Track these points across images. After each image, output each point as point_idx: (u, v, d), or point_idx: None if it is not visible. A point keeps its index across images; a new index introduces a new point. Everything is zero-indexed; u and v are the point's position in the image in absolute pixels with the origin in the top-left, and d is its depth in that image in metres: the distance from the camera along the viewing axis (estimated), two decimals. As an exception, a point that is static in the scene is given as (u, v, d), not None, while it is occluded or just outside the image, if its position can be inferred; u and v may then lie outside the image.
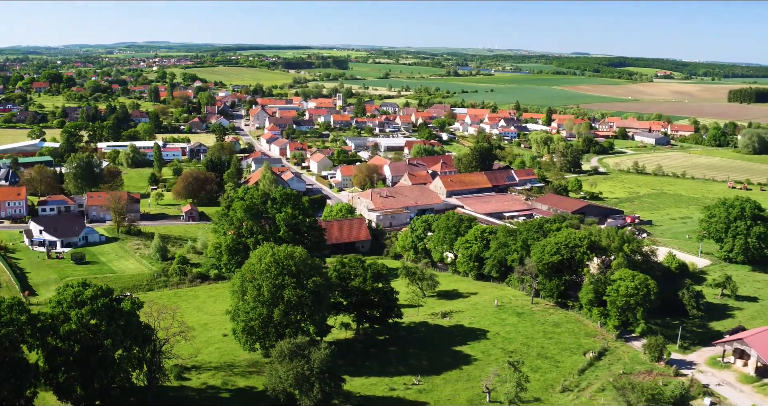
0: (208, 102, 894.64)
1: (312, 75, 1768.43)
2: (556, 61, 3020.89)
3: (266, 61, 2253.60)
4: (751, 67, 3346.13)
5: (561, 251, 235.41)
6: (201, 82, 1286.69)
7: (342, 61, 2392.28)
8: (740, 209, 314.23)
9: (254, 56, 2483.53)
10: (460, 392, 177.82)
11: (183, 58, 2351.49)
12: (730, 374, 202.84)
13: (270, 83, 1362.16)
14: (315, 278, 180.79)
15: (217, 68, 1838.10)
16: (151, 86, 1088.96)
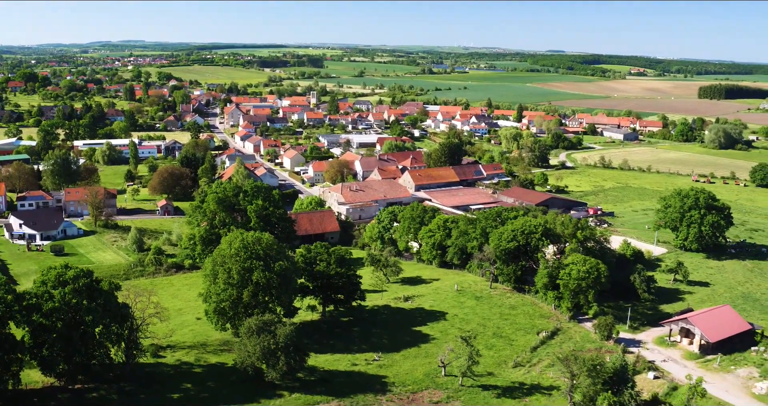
0: (183, 101, 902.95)
1: (287, 73, 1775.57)
2: (530, 59, 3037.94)
3: (241, 59, 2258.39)
4: (724, 64, 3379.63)
5: (517, 237, 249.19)
6: (176, 81, 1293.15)
7: (317, 60, 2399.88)
8: (694, 199, 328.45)
9: (230, 55, 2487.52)
10: (418, 367, 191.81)
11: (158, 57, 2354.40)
12: (676, 352, 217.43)
13: (245, 82, 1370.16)
14: (281, 262, 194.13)
15: (193, 67, 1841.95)
16: (126, 85, 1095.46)
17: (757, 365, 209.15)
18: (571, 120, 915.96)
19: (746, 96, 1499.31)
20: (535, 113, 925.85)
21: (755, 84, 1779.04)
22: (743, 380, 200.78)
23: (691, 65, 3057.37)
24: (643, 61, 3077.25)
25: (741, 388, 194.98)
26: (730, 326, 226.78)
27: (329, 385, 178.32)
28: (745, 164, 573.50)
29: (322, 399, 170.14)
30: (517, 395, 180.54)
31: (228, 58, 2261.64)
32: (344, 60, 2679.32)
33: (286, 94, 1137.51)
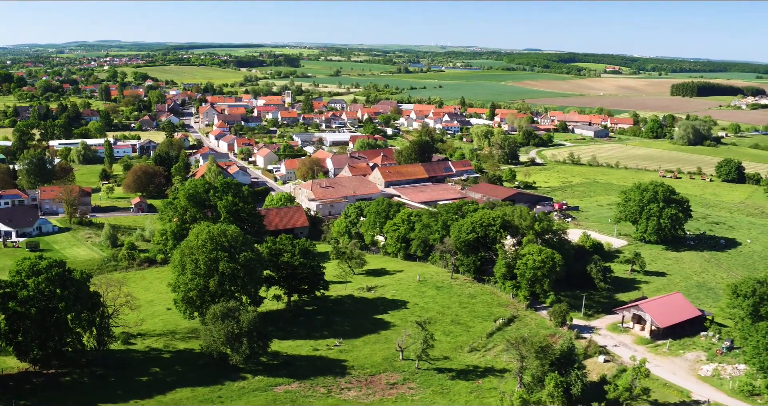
0: (158, 100, 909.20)
1: (263, 73, 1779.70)
2: (506, 58, 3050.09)
3: (218, 59, 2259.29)
4: (699, 62, 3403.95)
5: (476, 229, 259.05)
6: (152, 81, 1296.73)
7: (294, 59, 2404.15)
8: (653, 192, 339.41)
9: (206, 55, 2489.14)
10: (377, 352, 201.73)
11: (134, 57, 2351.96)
12: (627, 337, 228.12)
13: (221, 81, 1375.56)
14: (246, 253, 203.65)
15: (169, 67, 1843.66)
16: (101, 85, 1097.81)
17: (705, 349, 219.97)
18: (543, 118, 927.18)
19: (719, 93, 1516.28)
20: (508, 111, 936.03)
21: (728, 81, 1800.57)
22: (691, 363, 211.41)
23: (666, 63, 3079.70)
24: (618, 60, 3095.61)
25: (688, 370, 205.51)
26: (680, 312, 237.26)
27: (291, 368, 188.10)
28: (712, 160, 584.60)
29: (284, 381, 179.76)
30: (471, 378, 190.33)
31: (204, 58, 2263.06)
32: (321, 59, 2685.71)
33: (262, 93, 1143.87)
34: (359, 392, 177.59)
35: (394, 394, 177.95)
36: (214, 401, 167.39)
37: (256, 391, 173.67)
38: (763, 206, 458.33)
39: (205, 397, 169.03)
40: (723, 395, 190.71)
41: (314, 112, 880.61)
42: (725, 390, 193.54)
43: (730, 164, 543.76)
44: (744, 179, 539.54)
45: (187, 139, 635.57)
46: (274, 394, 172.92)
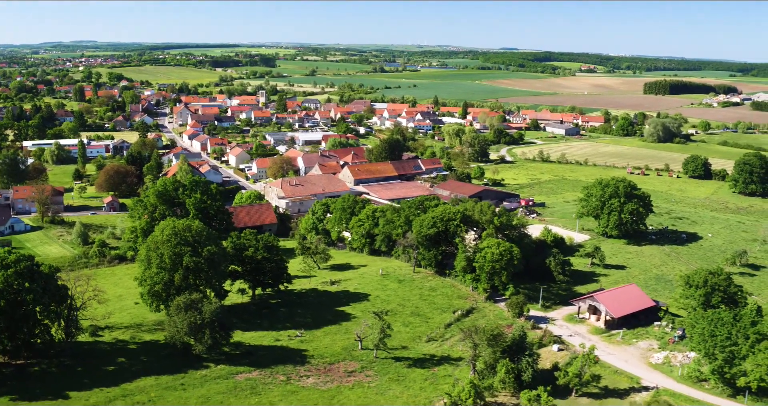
0: (132, 101, 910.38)
1: (239, 73, 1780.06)
2: (482, 57, 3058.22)
3: (193, 59, 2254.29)
4: (673, 60, 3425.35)
5: (437, 224, 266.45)
6: (127, 82, 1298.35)
7: (269, 59, 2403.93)
8: (614, 188, 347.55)
9: (182, 55, 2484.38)
10: (337, 342, 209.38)
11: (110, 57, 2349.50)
12: (583, 327, 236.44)
13: (196, 82, 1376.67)
14: (210, 247, 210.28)
15: (144, 67, 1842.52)
16: (76, 86, 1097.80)
17: (657, 338, 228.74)
18: (515, 116, 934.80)
19: (691, 91, 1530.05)
20: (480, 110, 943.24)
21: (701, 80, 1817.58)
22: (643, 351, 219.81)
23: (641, 62, 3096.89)
24: (594, 58, 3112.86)
25: (640, 358, 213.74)
26: (634, 303, 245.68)
27: (252, 357, 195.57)
28: (681, 157, 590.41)
29: (245, 369, 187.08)
30: (427, 366, 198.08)
31: (180, 58, 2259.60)
32: (297, 59, 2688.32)
33: (236, 93, 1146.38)
34: (317, 379, 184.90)
35: (352, 381, 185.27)
36: (177, 388, 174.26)
37: (217, 379, 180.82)
38: (727, 201, 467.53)
39: (168, 385, 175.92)
40: (672, 381, 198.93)
41: (288, 111, 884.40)
42: (674, 377, 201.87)
43: (696, 161, 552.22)
44: (710, 176, 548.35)
45: (160, 139, 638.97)
46: (234, 381, 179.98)
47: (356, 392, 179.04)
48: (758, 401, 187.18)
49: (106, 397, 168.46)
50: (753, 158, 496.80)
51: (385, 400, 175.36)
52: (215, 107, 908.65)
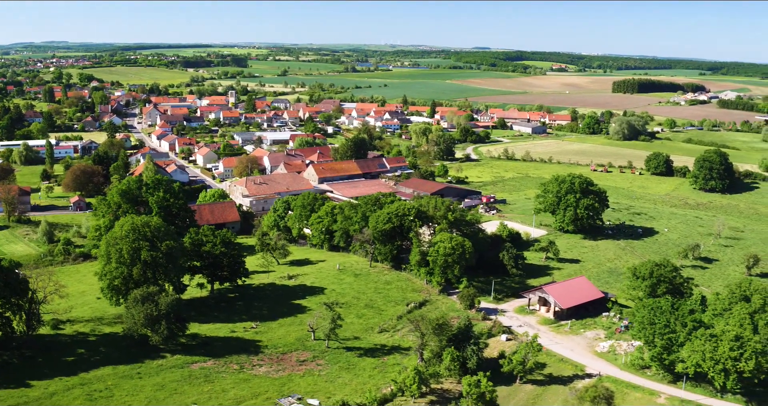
0: (102, 101, 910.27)
1: (210, 73, 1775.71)
2: (454, 56, 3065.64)
3: (165, 60, 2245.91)
4: (645, 59, 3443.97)
5: (392, 219, 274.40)
6: (98, 82, 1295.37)
7: (241, 59, 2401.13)
8: (570, 183, 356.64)
9: (153, 55, 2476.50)
10: (291, 333, 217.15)
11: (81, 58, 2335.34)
12: (533, 318, 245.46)
13: (168, 82, 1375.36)
14: (168, 242, 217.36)
15: (116, 68, 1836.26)
16: (45, 87, 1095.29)
17: (605, 328, 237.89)
18: (482, 115, 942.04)
19: (659, 90, 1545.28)
20: (448, 109, 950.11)
21: (670, 78, 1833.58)
22: (589, 340, 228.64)
23: (612, 61, 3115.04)
24: (565, 58, 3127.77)
25: (586, 347, 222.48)
26: (583, 294, 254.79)
27: (208, 348, 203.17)
28: (645, 154, 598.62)
29: (200, 359, 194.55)
30: (378, 355, 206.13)
31: (152, 59, 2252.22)
32: (269, 59, 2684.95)
33: (207, 93, 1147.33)
34: (270, 368, 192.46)
35: (303, 369, 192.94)
36: (133, 377, 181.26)
37: (173, 368, 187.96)
38: (687, 197, 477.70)
39: (125, 373, 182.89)
40: (616, 369, 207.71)
41: (257, 111, 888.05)
42: (618, 364, 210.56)
43: (658, 158, 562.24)
44: (672, 172, 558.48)
45: (128, 139, 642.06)
46: (189, 370, 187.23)
47: (306, 380, 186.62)
48: (697, 387, 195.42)
49: (65, 385, 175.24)
50: (713, 155, 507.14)
51: (333, 387, 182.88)
52: (184, 108, 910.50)
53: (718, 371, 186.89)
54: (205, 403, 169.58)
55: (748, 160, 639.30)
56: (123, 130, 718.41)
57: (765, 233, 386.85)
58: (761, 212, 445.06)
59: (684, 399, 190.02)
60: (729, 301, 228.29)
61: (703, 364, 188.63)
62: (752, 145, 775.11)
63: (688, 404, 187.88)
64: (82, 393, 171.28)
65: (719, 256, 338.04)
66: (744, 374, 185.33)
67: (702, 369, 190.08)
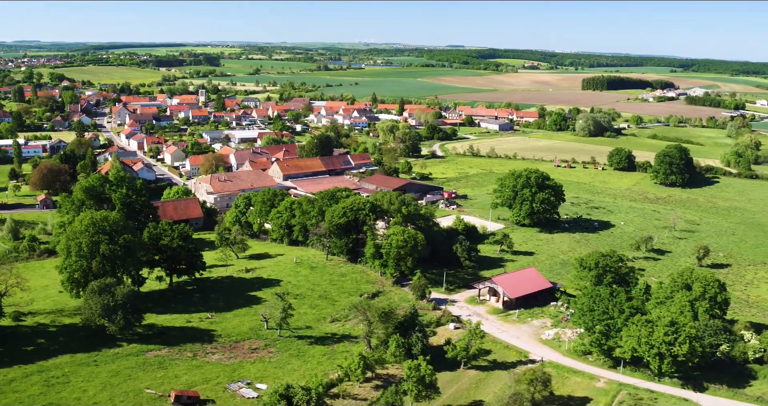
0: (71, 101, 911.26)
1: (182, 72, 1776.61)
2: (427, 54, 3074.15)
3: (137, 59, 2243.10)
4: (617, 56, 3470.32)
5: (347, 213, 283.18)
6: (69, 82, 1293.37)
7: (214, 58, 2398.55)
8: (526, 178, 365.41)
9: (126, 55, 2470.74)
10: (245, 323, 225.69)
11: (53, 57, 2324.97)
12: (483, 308, 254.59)
13: (139, 81, 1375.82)
14: (125, 236, 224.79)
15: (87, 67, 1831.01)
16: (15, 87, 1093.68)
17: (551, 317, 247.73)
18: (451, 112, 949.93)
19: (629, 87, 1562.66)
20: (417, 107, 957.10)
21: (640, 75, 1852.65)
22: (536, 328, 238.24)
23: (584, 58, 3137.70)
24: (538, 55, 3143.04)
25: (531, 335, 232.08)
26: (531, 284, 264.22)
27: (164, 337, 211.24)
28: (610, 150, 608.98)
29: (155, 348, 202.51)
30: (328, 343, 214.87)
31: (124, 58, 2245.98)
32: (242, 58, 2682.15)
33: (178, 92, 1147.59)
34: (222, 355, 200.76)
35: (254, 357, 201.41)
36: (90, 364, 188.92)
37: (128, 356, 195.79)
38: (647, 191, 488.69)
39: (82, 361, 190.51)
40: (559, 355, 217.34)
41: (226, 110, 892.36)
42: (562, 351, 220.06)
43: (620, 153, 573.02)
44: (634, 167, 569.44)
45: (97, 138, 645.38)
46: (144, 358, 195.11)
47: (257, 366, 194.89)
48: (636, 371, 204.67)
49: (23, 373, 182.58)
50: (673, 150, 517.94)
51: (283, 373, 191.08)
52: (154, 107, 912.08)
53: (653, 355, 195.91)
54: (157, 388, 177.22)
55: (710, 156, 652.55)
56: (92, 130, 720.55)
57: (720, 226, 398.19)
58: (719, 205, 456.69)
59: (622, 383, 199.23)
60: (671, 289, 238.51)
61: (639, 348, 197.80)
62: (717, 140, 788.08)
63: (626, 387, 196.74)
64: (39, 380, 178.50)
65: (672, 248, 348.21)
66: (678, 358, 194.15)
67: (638, 353, 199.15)
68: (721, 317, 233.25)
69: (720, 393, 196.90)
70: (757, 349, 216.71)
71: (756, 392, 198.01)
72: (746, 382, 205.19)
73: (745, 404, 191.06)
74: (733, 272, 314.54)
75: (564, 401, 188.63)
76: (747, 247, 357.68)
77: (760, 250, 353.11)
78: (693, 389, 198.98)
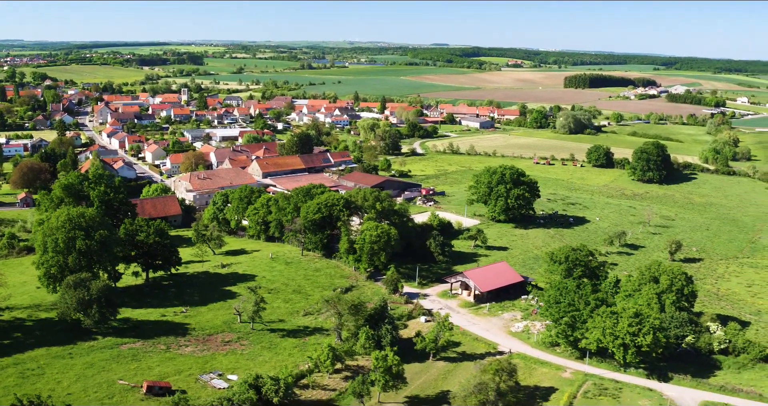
0: (54, 100, 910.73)
1: (166, 71, 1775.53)
2: (411, 53, 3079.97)
3: (120, 58, 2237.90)
4: (600, 54, 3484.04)
5: (321, 209, 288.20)
6: (51, 81, 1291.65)
7: (197, 57, 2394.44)
8: (501, 174, 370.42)
9: (109, 54, 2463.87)
10: (219, 317, 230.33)
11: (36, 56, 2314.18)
12: (454, 302, 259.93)
13: (122, 80, 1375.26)
14: (101, 232, 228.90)
15: (70, 67, 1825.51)
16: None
17: (522, 310, 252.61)
18: (432, 110, 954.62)
19: (611, 85, 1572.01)
20: (398, 105, 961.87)
21: (623, 73, 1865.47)
22: (506, 321, 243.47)
23: (568, 56, 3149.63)
24: (522, 53, 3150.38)
25: (501, 328, 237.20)
26: (503, 278, 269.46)
27: (138, 330, 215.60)
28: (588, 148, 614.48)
29: (130, 341, 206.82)
30: (300, 336, 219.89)
31: (107, 57, 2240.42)
32: (226, 57, 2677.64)
33: (161, 91, 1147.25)
34: (195, 348, 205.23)
35: (227, 349, 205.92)
36: (65, 357, 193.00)
37: (103, 348, 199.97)
38: (625, 188, 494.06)
39: (57, 354, 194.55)
40: (528, 346, 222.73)
41: (208, 109, 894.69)
42: (530, 343, 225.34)
43: (599, 151, 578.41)
44: (612, 164, 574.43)
45: (78, 137, 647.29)
46: (118, 351, 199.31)
47: (229, 358, 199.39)
48: (602, 362, 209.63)
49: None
50: (650, 147, 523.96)
51: (254, 364, 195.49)
52: (135, 106, 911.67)
53: (618, 346, 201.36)
54: (130, 379, 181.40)
55: (689, 152, 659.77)
56: (74, 129, 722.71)
57: (695, 221, 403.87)
58: (695, 201, 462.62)
59: (588, 373, 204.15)
60: (639, 282, 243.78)
61: (604, 339, 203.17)
62: (696, 137, 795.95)
63: (591, 377, 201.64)
64: (15, 372, 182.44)
65: (646, 243, 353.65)
66: (642, 349, 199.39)
67: (603, 344, 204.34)
68: (689, 310, 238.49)
69: (684, 383, 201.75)
70: (723, 340, 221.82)
71: (720, 381, 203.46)
72: (711, 372, 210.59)
73: (708, 393, 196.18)
74: (705, 266, 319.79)
75: (530, 391, 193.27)
76: (720, 242, 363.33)
77: (733, 245, 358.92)
78: (658, 379, 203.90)
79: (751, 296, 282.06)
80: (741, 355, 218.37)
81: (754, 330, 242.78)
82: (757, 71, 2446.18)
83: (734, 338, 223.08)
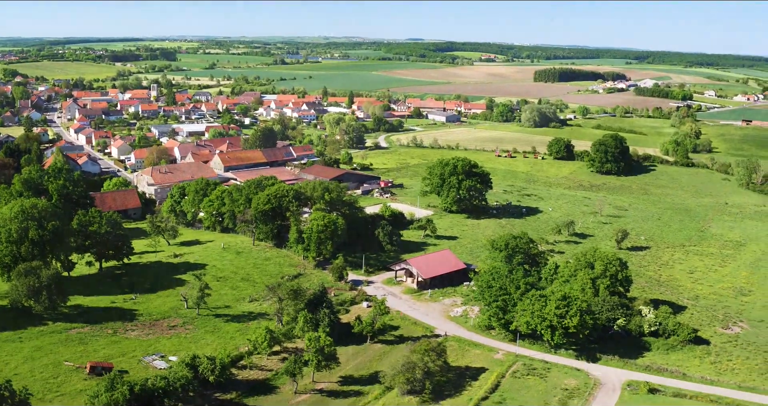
0: (22, 96, 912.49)
1: (138, 67, 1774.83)
2: (385, 48, 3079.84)
3: (92, 54, 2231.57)
4: (573, 49, 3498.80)
5: (271, 200, 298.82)
6: (22, 78, 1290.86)
7: (170, 53, 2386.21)
8: (453, 166, 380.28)
9: (81, 50, 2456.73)
10: (167, 303, 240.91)
11: (8, 53, 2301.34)
12: (398, 288, 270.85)
13: (94, 77, 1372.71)
14: (54, 222, 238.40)
15: (42, 63, 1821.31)
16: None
17: (462, 296, 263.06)
18: (400, 105, 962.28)
19: (581, 78, 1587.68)
20: (366, 99, 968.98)
21: (593, 67, 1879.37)
22: (446, 307, 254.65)
23: (541, 51, 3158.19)
24: (495, 48, 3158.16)
25: (441, 312, 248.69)
26: (446, 265, 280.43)
27: (88, 316, 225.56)
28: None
29: (78, 326, 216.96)
30: (243, 321, 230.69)
31: (79, 53, 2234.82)
32: (199, 52, 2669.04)
33: (131, 87, 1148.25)
34: (141, 332, 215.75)
35: (171, 333, 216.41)
36: (15, 341, 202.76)
37: (52, 333, 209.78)
38: (583, 179, 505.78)
39: (7, 338, 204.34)
40: (464, 330, 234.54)
41: (177, 104, 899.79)
42: (467, 326, 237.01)
43: (560, 143, 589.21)
44: (574, 156, 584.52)
45: (45, 133, 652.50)
46: (67, 335, 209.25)
47: (172, 341, 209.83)
48: (534, 344, 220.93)
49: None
50: (609, 139, 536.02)
51: (196, 347, 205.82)
52: (104, 102, 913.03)
53: (546, 327, 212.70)
54: (76, 360, 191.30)
55: (651, 145, 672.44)
56: (42, 125, 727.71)
57: (648, 211, 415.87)
58: (651, 192, 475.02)
59: (519, 354, 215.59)
60: (575, 268, 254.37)
61: (532, 321, 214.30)
62: (660, 130, 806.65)
63: (522, 358, 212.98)
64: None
65: (595, 232, 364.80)
66: (570, 330, 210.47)
67: (532, 326, 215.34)
68: (624, 294, 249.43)
69: (611, 363, 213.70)
70: (653, 323, 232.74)
71: (646, 362, 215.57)
72: (639, 353, 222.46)
73: (634, 372, 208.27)
74: (651, 254, 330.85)
75: (460, 371, 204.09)
76: (670, 231, 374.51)
77: (682, 233, 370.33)
78: (586, 360, 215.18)
79: (692, 282, 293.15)
80: (671, 337, 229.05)
81: (689, 314, 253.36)
82: (728, 65, 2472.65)
83: (665, 321, 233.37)
